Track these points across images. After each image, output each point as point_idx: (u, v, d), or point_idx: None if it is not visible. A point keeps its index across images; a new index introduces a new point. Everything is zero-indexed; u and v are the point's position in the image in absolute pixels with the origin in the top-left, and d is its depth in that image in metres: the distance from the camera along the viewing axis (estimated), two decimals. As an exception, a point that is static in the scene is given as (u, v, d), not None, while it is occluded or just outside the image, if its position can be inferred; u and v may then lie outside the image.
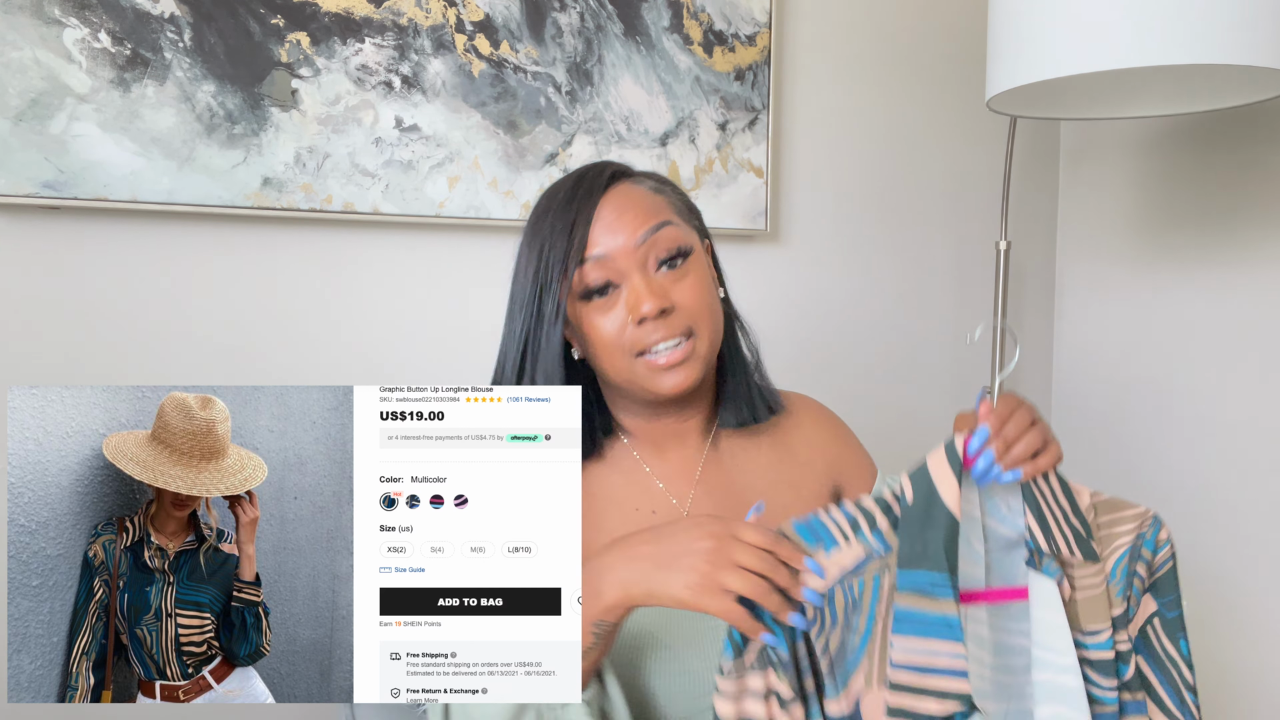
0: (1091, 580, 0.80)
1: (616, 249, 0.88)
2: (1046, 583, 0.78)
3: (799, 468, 1.01)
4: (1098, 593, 0.79)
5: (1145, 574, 0.82)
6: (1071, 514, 0.80)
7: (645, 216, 0.89)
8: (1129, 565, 0.81)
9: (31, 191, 1.17)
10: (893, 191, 1.79)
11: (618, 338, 0.88)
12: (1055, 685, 0.77)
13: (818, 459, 1.03)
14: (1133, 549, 0.81)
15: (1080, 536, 0.80)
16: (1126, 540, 0.81)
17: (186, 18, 1.23)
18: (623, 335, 0.88)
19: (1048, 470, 0.80)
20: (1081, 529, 0.80)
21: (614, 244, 0.88)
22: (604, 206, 0.89)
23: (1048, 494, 0.80)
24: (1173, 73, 1.38)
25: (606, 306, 0.89)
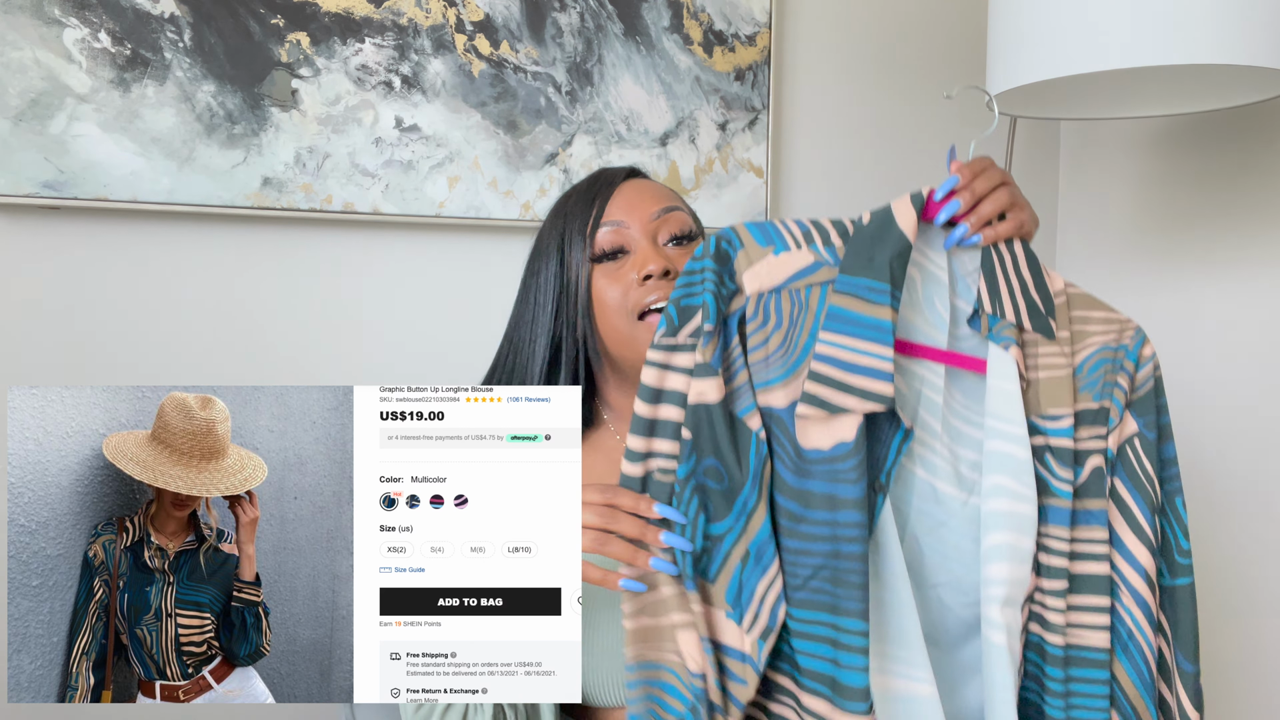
0: (1053, 361, 0.78)
1: (632, 219, 0.96)
2: (999, 350, 0.77)
3: None
4: (1060, 374, 0.78)
5: (1127, 387, 0.80)
6: (1033, 288, 0.79)
7: (660, 199, 0.98)
8: (1107, 371, 0.79)
9: (31, 191, 1.17)
10: (893, 191, 1.78)
11: (622, 298, 0.93)
12: (1003, 454, 0.75)
13: None
14: (1112, 354, 0.79)
15: (1036, 310, 0.78)
16: (1101, 339, 0.80)
17: (186, 18, 1.23)
18: (627, 296, 0.93)
19: (1012, 237, 0.79)
20: (1041, 304, 0.78)
21: (629, 215, 0.96)
22: (623, 188, 0.99)
23: (1008, 261, 0.79)
24: (1173, 73, 1.38)
25: (615, 269, 0.95)
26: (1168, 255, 1.79)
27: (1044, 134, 1.95)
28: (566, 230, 0.97)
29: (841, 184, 1.74)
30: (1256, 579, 1.67)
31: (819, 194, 1.72)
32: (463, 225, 1.42)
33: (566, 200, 1.00)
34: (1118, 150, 1.86)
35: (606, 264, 0.95)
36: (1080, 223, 1.95)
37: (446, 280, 1.44)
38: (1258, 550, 1.67)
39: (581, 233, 0.96)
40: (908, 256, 0.76)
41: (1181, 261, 1.76)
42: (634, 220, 0.96)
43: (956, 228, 0.79)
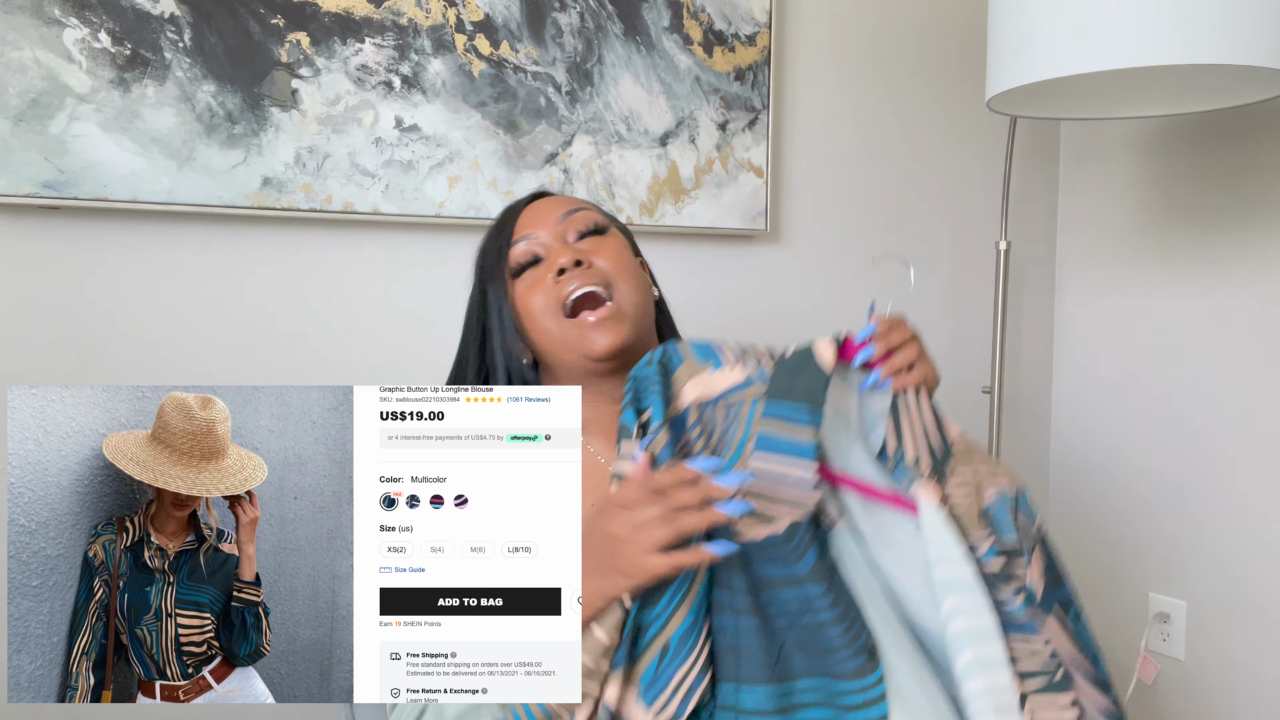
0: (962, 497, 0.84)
1: (539, 229, 0.99)
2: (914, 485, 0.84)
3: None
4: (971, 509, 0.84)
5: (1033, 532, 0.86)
6: (934, 431, 0.87)
7: (563, 205, 1.01)
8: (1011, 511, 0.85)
9: (31, 191, 1.17)
10: (893, 191, 1.79)
11: (544, 300, 0.95)
12: (949, 579, 0.80)
13: None
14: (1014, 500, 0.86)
15: (935, 456, 0.86)
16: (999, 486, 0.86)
17: (186, 18, 1.23)
18: (547, 296, 0.95)
19: (918, 387, 0.86)
20: (940, 449, 0.86)
21: (536, 227, 0.99)
22: (528, 209, 1.02)
23: (913, 408, 0.86)
24: (1173, 73, 1.38)
25: (533, 277, 0.97)
26: (1168, 255, 1.78)
27: (1044, 134, 1.95)
28: (483, 265, 1.01)
29: (841, 184, 1.74)
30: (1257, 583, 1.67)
31: (819, 194, 1.72)
32: (463, 225, 1.42)
33: (483, 240, 1.04)
34: (1118, 150, 1.86)
35: (524, 276, 0.98)
36: (1080, 223, 1.95)
37: (447, 280, 1.44)
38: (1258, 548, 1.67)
39: (497, 259, 0.99)
40: (826, 387, 0.83)
41: (1181, 261, 1.76)
42: (541, 229, 0.98)
43: (871, 373, 0.86)
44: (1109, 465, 1.87)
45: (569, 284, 0.94)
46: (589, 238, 0.99)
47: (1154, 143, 1.80)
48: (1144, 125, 1.81)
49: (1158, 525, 1.79)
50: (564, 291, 0.94)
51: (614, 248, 0.99)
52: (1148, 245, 1.82)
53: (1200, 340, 1.73)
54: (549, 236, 0.98)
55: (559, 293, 0.94)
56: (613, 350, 0.94)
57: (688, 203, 1.54)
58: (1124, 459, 1.85)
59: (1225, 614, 1.71)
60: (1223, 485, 1.70)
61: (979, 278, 1.87)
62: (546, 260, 0.97)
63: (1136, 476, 1.82)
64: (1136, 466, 1.82)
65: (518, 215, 1.02)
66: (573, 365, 0.97)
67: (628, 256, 1.00)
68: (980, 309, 1.88)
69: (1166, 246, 1.79)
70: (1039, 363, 1.99)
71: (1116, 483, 1.85)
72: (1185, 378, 1.76)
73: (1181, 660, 1.78)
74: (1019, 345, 1.96)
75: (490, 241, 1.02)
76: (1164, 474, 1.79)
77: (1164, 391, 1.79)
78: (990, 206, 1.86)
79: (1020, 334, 1.96)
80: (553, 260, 0.96)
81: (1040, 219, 1.97)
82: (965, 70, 1.80)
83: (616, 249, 0.99)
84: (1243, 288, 1.66)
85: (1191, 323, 1.75)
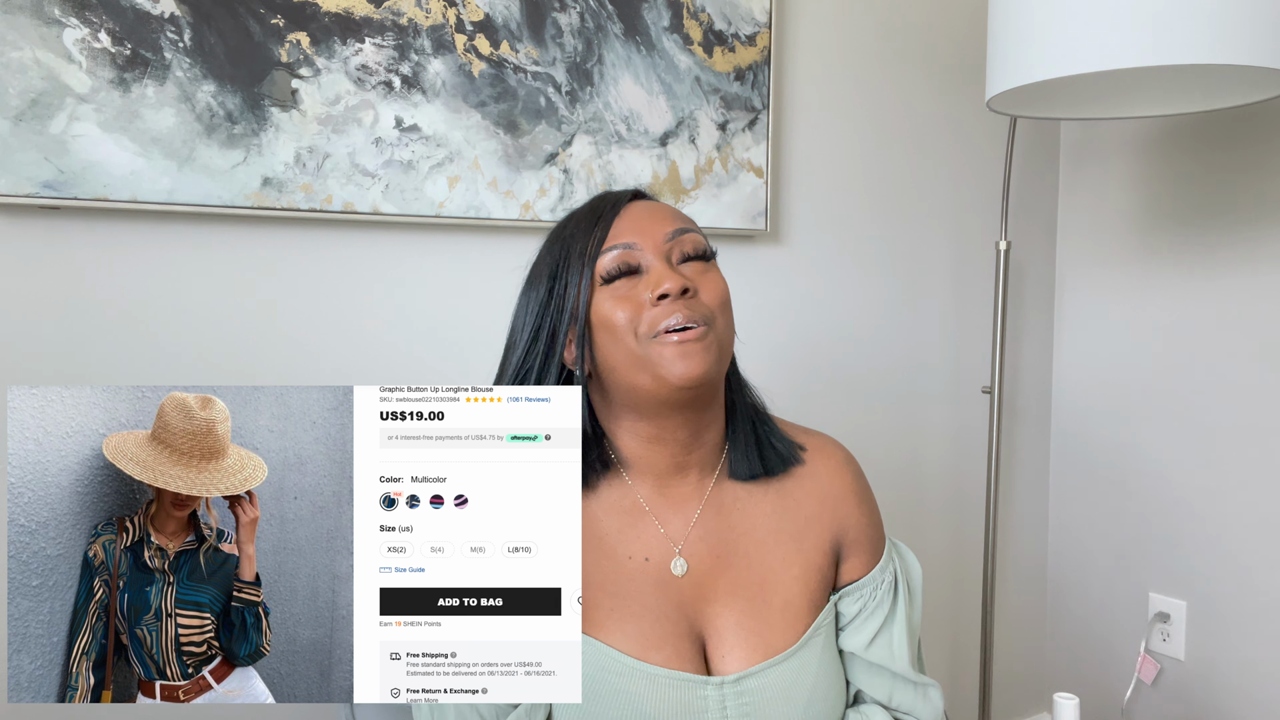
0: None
1: (641, 240, 0.88)
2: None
3: (803, 520, 0.95)
4: None
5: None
6: None
7: (672, 220, 0.91)
8: None
9: (31, 191, 1.17)
10: (893, 192, 1.79)
11: (631, 319, 0.86)
12: None
13: (825, 513, 0.97)
14: None
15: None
16: None
17: (186, 18, 1.23)
18: (639, 316, 0.86)
19: None
20: None
21: (639, 237, 0.88)
22: (629, 210, 0.91)
23: None
24: (1173, 73, 1.38)
25: (624, 289, 0.87)
26: (1168, 255, 1.78)
27: (1044, 134, 1.95)
28: (564, 256, 0.90)
29: (841, 184, 1.74)
30: (1255, 586, 1.67)
31: (819, 194, 1.72)
32: (463, 225, 1.42)
33: (565, 226, 0.93)
34: (1118, 150, 1.86)
35: (615, 284, 0.88)
36: (1080, 223, 1.95)
37: (446, 280, 1.44)
38: (1257, 549, 1.67)
39: (582, 257, 0.88)
40: None
41: (1182, 261, 1.76)
42: (645, 241, 0.88)
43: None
44: (1109, 465, 1.87)
45: (671, 313, 0.84)
46: (694, 262, 0.90)
47: (1154, 143, 1.80)
48: (1144, 125, 1.81)
49: (1158, 525, 1.79)
50: (664, 321, 0.84)
51: (718, 282, 0.91)
52: (1148, 245, 1.82)
53: (1200, 340, 1.73)
54: (653, 254, 0.88)
55: (655, 317, 0.85)
56: (694, 379, 0.84)
57: (688, 203, 1.54)
58: (1124, 459, 1.85)
59: (1225, 614, 1.71)
60: (1223, 485, 1.70)
61: (979, 278, 1.87)
62: (647, 277, 0.87)
63: (1136, 476, 1.82)
64: (1136, 466, 1.82)
65: (616, 213, 0.91)
66: (635, 388, 0.87)
67: (728, 293, 0.92)
68: (980, 309, 1.88)
69: (1166, 246, 1.79)
70: (1039, 363, 1.99)
71: (1116, 483, 1.85)
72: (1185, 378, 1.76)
73: (1181, 660, 1.78)
74: (1019, 345, 1.96)
75: (578, 232, 0.90)
76: (1164, 474, 1.79)
77: (1164, 391, 1.79)
78: (990, 206, 1.86)
79: (1020, 334, 1.96)
80: (654, 280, 0.86)
81: (1040, 219, 1.98)
82: (965, 70, 1.80)
83: (720, 284, 0.91)
84: (1243, 288, 1.66)
85: (1191, 323, 1.75)
